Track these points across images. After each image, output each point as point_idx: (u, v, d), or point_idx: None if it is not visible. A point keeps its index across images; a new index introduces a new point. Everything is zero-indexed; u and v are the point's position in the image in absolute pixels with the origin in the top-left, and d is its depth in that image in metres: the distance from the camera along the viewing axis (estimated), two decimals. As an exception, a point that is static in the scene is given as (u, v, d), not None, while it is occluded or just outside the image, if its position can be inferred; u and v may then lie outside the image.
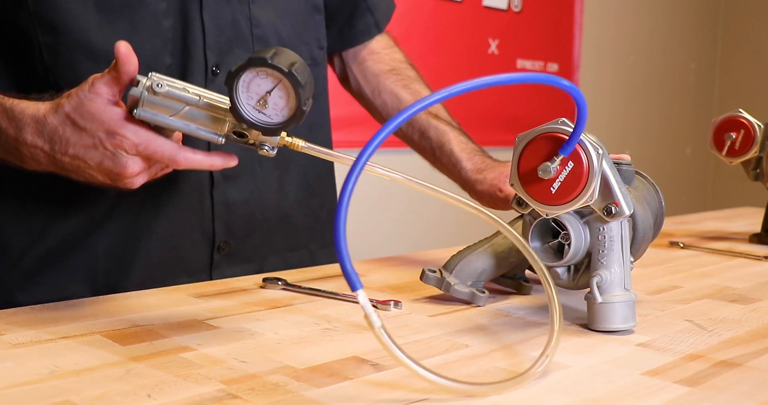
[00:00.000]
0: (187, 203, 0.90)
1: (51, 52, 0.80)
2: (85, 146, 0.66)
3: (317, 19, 1.02)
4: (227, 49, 0.89)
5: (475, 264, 0.78)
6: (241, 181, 0.93)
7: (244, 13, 0.90)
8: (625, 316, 0.66)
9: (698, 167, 3.66)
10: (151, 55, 0.83)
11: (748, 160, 1.17)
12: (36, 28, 0.79)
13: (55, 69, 0.81)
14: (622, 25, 3.15)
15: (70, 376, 0.52)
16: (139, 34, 0.82)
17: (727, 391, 0.53)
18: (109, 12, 0.81)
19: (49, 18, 0.79)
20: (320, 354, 0.58)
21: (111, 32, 0.81)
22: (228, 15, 0.89)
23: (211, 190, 0.91)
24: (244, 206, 0.94)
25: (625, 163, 0.75)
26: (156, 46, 0.84)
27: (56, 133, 0.66)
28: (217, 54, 0.88)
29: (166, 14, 0.84)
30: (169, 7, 0.84)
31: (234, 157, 0.67)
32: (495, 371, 0.56)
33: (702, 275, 0.94)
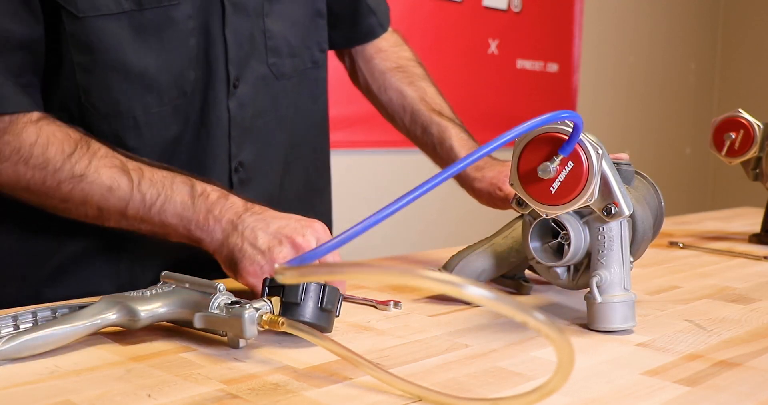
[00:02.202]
0: None
1: (84, 71, 0.83)
2: (280, 216, 0.75)
3: (320, 24, 1.05)
4: (245, 63, 0.92)
5: (475, 264, 0.78)
6: (253, 183, 0.96)
7: (259, 27, 0.94)
8: (624, 316, 0.66)
9: (698, 167, 3.66)
10: (179, 71, 0.87)
11: (748, 160, 1.17)
12: (71, 48, 0.82)
13: (88, 87, 0.83)
14: (622, 25, 3.15)
15: (70, 376, 0.52)
16: (169, 53, 0.85)
17: (727, 391, 0.53)
18: (142, 32, 0.83)
19: (85, 38, 0.81)
20: (320, 354, 0.58)
21: (144, 52, 0.84)
22: (246, 30, 0.92)
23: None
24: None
25: (624, 163, 0.76)
26: (183, 62, 0.87)
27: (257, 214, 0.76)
28: (237, 68, 0.92)
29: (192, 32, 0.87)
30: (195, 26, 0.87)
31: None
32: (495, 371, 0.56)
33: (702, 275, 0.94)
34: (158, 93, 0.86)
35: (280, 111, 0.99)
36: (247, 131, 0.94)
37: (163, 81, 0.86)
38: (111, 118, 0.85)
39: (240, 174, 0.95)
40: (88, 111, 0.84)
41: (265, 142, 0.97)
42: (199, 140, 0.91)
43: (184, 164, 0.88)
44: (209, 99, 0.90)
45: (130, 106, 0.85)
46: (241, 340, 0.59)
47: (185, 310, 0.61)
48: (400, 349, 0.61)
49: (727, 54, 3.70)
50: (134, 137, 0.86)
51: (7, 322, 0.58)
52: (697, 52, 3.61)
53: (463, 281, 0.37)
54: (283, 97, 0.99)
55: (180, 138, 0.89)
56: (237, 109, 0.92)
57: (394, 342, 0.63)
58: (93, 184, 0.79)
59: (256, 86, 0.94)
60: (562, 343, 0.39)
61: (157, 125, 0.87)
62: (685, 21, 3.52)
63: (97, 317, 0.58)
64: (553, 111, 0.60)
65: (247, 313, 0.57)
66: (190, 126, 0.90)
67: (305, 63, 1.02)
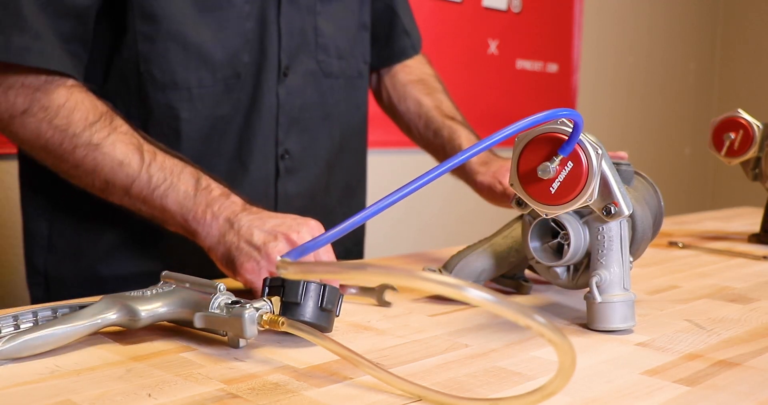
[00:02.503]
0: (255, 191, 0.97)
1: (146, 40, 0.88)
2: (275, 216, 0.76)
3: (365, 36, 1.11)
4: (296, 55, 0.98)
5: (475, 264, 0.78)
6: (299, 175, 1.01)
7: (311, 23, 1.00)
8: (624, 316, 0.66)
9: (697, 167, 3.66)
10: (234, 52, 0.92)
11: (747, 160, 1.17)
12: (136, 17, 0.87)
13: (148, 56, 0.89)
14: (622, 26, 3.15)
15: (71, 376, 0.52)
16: (225, 32, 0.91)
17: (726, 391, 0.53)
18: (202, 9, 0.90)
19: (150, 9, 0.87)
20: (320, 354, 0.58)
21: (203, 27, 0.90)
22: (298, 23, 0.98)
23: (276, 181, 0.99)
24: (300, 199, 1.02)
25: (624, 163, 0.76)
26: (238, 44, 0.92)
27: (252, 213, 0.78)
28: (288, 57, 0.97)
29: (248, 17, 0.93)
30: (251, 11, 0.93)
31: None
32: (495, 371, 0.56)
33: (701, 275, 0.94)
34: (213, 68, 0.91)
35: (326, 109, 1.04)
36: (295, 121, 0.99)
37: (218, 58, 0.91)
38: (167, 88, 0.90)
39: (286, 162, 0.99)
40: (146, 81, 0.89)
41: (311, 136, 1.02)
42: (249, 122, 0.95)
43: (233, 144, 0.95)
44: (261, 84, 0.95)
45: (186, 77, 0.90)
46: (241, 340, 0.59)
47: (185, 310, 0.61)
48: (400, 349, 0.61)
49: (727, 54, 3.70)
50: (187, 109, 0.91)
51: (7, 321, 0.58)
52: (697, 52, 3.61)
53: (464, 284, 0.38)
54: (329, 96, 1.04)
55: (231, 118, 0.94)
56: (286, 97, 0.97)
57: (394, 342, 0.63)
58: (106, 156, 0.82)
59: (305, 79, 1.00)
60: (564, 346, 0.40)
61: (209, 100, 0.92)
62: (685, 21, 3.52)
63: (97, 317, 0.58)
64: (553, 109, 0.60)
65: (247, 312, 0.57)
66: (241, 107, 0.94)
67: (351, 69, 1.08)
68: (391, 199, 0.53)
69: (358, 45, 1.09)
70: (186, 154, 0.90)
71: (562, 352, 0.40)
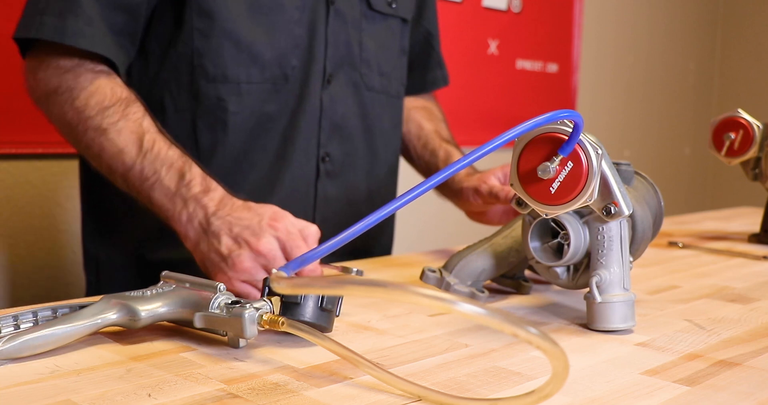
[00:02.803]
0: (296, 190, 1.01)
1: (202, 36, 0.94)
2: (246, 217, 0.76)
3: (403, 60, 1.17)
4: (340, 64, 1.03)
5: (474, 264, 0.78)
6: (338, 179, 1.05)
7: (356, 38, 1.05)
8: (624, 316, 0.66)
9: (697, 167, 3.66)
10: (283, 54, 0.98)
11: (747, 160, 1.17)
12: (194, 14, 0.93)
13: (202, 51, 0.94)
14: (622, 26, 3.15)
15: (71, 376, 0.52)
16: (276, 35, 0.97)
17: (726, 391, 0.53)
18: (256, 11, 0.95)
19: (207, 7, 0.93)
20: (320, 354, 0.58)
21: (255, 28, 0.95)
22: (343, 35, 1.03)
23: (316, 182, 1.03)
24: (337, 202, 1.06)
25: (624, 163, 0.76)
26: (288, 47, 0.98)
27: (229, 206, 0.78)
28: (333, 66, 1.02)
29: (298, 23, 0.98)
30: (301, 18, 0.99)
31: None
32: (495, 371, 0.56)
33: (701, 275, 0.94)
34: (261, 67, 0.96)
35: (367, 121, 1.09)
36: (337, 128, 1.04)
37: (267, 57, 0.96)
38: (218, 81, 0.95)
39: (327, 165, 1.04)
40: (199, 73, 0.95)
41: (352, 145, 1.07)
42: (294, 122, 1.00)
43: (277, 141, 0.99)
44: (307, 88, 1.00)
45: (236, 72, 0.95)
46: (241, 340, 0.59)
47: (185, 310, 0.61)
48: (400, 349, 0.61)
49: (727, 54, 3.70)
50: (235, 103, 0.96)
51: (7, 321, 0.58)
52: (697, 52, 3.61)
53: (455, 298, 0.39)
54: (370, 109, 1.09)
55: (276, 116, 0.99)
56: (329, 102, 1.03)
57: (394, 342, 0.63)
58: (110, 141, 0.85)
59: (347, 89, 1.05)
60: (555, 352, 0.40)
61: (256, 97, 0.97)
62: (685, 21, 3.52)
63: (97, 317, 0.58)
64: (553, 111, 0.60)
65: (247, 312, 0.57)
66: (287, 108, 0.99)
67: (391, 88, 1.13)
68: (392, 206, 0.53)
69: (398, 67, 1.15)
70: (232, 146, 0.97)
71: (554, 358, 0.40)
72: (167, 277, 0.64)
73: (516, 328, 0.39)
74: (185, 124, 0.97)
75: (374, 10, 1.08)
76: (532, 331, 0.39)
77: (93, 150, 0.87)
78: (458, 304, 0.38)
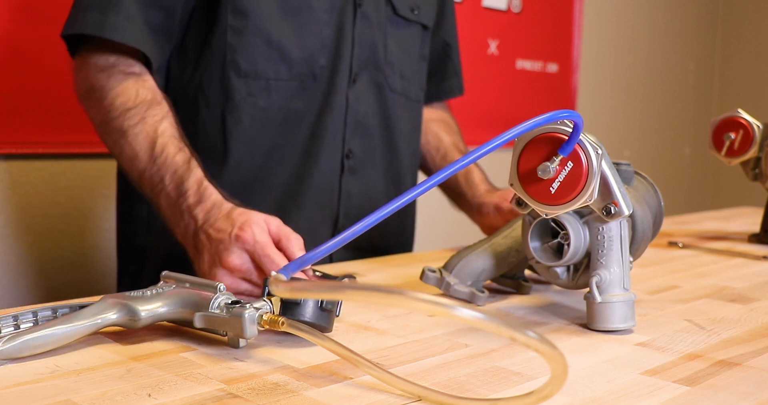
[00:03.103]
0: (323, 183, 1.04)
1: (235, 33, 0.98)
2: (223, 228, 0.76)
3: (423, 67, 1.21)
4: (365, 65, 1.07)
5: (474, 264, 0.78)
6: (359, 175, 1.08)
7: (381, 40, 1.09)
8: (624, 316, 0.66)
9: (697, 167, 3.66)
10: (311, 53, 1.02)
11: (747, 160, 1.17)
12: (228, 12, 0.97)
13: (235, 47, 0.98)
14: (622, 26, 3.15)
15: (71, 376, 0.52)
16: (305, 35, 1.01)
17: (726, 391, 0.53)
18: (287, 11, 1.00)
19: (241, 6, 0.98)
20: (320, 354, 0.58)
21: (285, 27, 1.00)
22: (370, 37, 1.07)
23: (340, 177, 1.06)
24: (359, 198, 1.08)
25: (624, 163, 0.76)
26: (316, 47, 1.02)
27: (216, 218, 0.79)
28: (358, 65, 1.06)
29: (327, 23, 1.02)
30: (330, 19, 1.03)
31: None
32: (495, 371, 0.56)
33: (701, 275, 0.94)
34: (290, 65, 1.00)
35: (388, 121, 1.11)
36: (359, 125, 1.07)
37: (296, 56, 1.01)
38: (249, 77, 0.99)
39: (350, 162, 1.07)
40: (230, 69, 0.99)
41: (372, 142, 1.09)
42: (321, 119, 1.03)
43: (305, 136, 1.02)
44: (334, 86, 1.03)
45: (266, 69, 1.00)
46: (241, 340, 0.59)
47: (185, 310, 0.61)
48: (400, 349, 0.61)
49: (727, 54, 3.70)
50: (264, 98, 1.00)
51: (7, 321, 0.58)
52: (697, 52, 3.61)
53: (454, 303, 0.39)
54: (392, 109, 1.12)
55: (304, 113, 1.02)
56: (354, 100, 1.06)
57: (394, 342, 0.63)
58: (128, 145, 0.88)
59: (370, 88, 1.08)
60: (554, 355, 0.40)
61: (285, 93, 1.01)
62: (685, 21, 3.52)
63: (97, 317, 0.58)
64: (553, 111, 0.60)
65: (247, 313, 0.57)
66: (314, 105, 1.03)
67: (412, 92, 1.16)
68: (390, 207, 0.53)
69: (418, 72, 1.18)
70: (261, 141, 1.00)
71: (552, 360, 0.41)
72: (167, 277, 0.64)
73: (514, 332, 0.39)
74: (216, 120, 1.00)
75: (398, 15, 1.12)
76: (531, 334, 0.39)
77: (115, 151, 0.90)
78: (456, 309, 0.39)
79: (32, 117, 1.37)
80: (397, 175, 1.15)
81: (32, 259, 1.42)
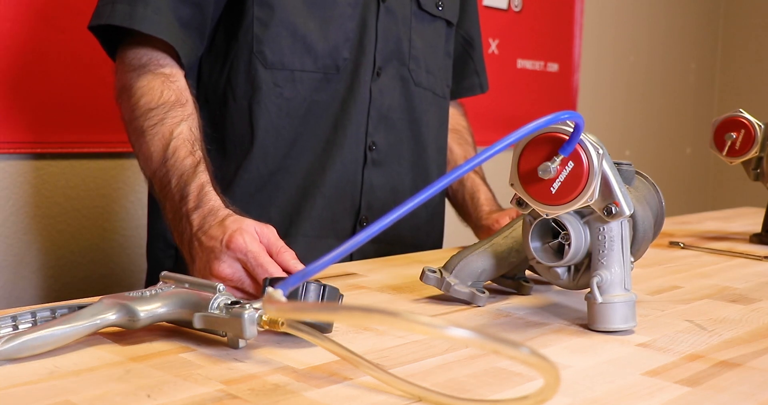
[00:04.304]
0: (345, 174, 1.06)
1: (262, 25, 1.00)
2: (214, 236, 0.76)
3: (448, 63, 1.22)
4: (389, 58, 1.08)
5: (475, 264, 0.78)
6: (383, 168, 1.09)
7: (406, 35, 1.10)
8: (625, 316, 0.66)
9: (698, 167, 3.66)
10: (335, 46, 1.04)
11: (749, 160, 1.17)
12: (255, 5, 1.00)
13: (261, 38, 1.01)
14: (622, 25, 3.14)
15: (70, 376, 0.52)
16: (329, 28, 1.03)
17: (728, 391, 0.53)
18: (311, 5, 1.02)
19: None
20: (320, 354, 0.58)
21: (310, 20, 1.02)
22: (394, 31, 1.09)
23: (363, 169, 1.07)
24: (383, 191, 1.10)
25: (625, 163, 0.75)
26: (339, 40, 1.04)
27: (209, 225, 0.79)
28: (382, 59, 1.07)
29: (351, 17, 1.04)
30: (353, 14, 1.05)
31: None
32: (495, 371, 0.56)
33: (702, 275, 0.94)
34: (315, 56, 1.03)
35: (414, 114, 1.13)
36: (383, 118, 1.09)
37: (320, 48, 1.03)
38: (275, 68, 1.01)
39: (373, 154, 1.08)
40: (257, 60, 1.01)
41: (397, 135, 1.11)
42: (345, 110, 1.05)
43: (329, 127, 1.04)
44: (358, 78, 1.05)
45: (292, 60, 1.02)
46: (240, 341, 0.59)
47: (185, 311, 0.61)
48: (400, 349, 0.61)
49: (728, 54, 3.70)
50: (290, 89, 1.02)
51: (6, 322, 0.58)
52: (698, 51, 3.61)
53: (445, 324, 0.40)
54: (418, 103, 1.13)
55: (328, 105, 1.04)
56: (378, 93, 1.08)
57: (394, 342, 0.63)
58: (145, 145, 0.89)
59: (395, 82, 1.09)
60: (547, 368, 0.41)
61: (309, 85, 1.03)
62: (686, 21, 3.52)
63: (96, 317, 0.58)
64: (554, 111, 0.59)
65: (246, 313, 0.57)
66: (338, 97, 1.05)
67: (438, 88, 1.17)
68: (392, 216, 0.53)
69: (443, 68, 1.20)
70: (286, 131, 1.03)
71: (545, 372, 0.41)
72: (166, 278, 0.64)
73: (508, 349, 0.40)
74: (243, 111, 1.02)
75: (423, 10, 1.13)
76: (524, 350, 0.40)
77: (136, 150, 0.91)
78: (450, 330, 0.40)
79: (32, 117, 1.37)
80: (424, 170, 1.16)
81: (31, 259, 1.42)
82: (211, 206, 0.81)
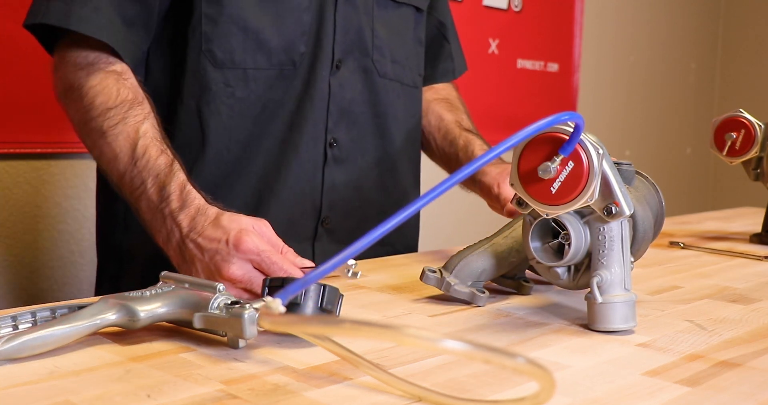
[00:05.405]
0: (304, 174, 1.01)
1: (210, 21, 0.95)
2: (215, 237, 0.74)
3: (419, 50, 1.17)
4: (350, 50, 1.03)
5: (475, 264, 0.78)
6: (345, 165, 1.05)
7: (368, 24, 1.05)
8: (625, 316, 0.66)
9: (698, 167, 3.66)
10: (291, 40, 0.98)
11: (749, 160, 1.17)
12: (203, 0, 0.94)
13: (210, 36, 0.95)
14: (622, 25, 3.14)
15: (70, 376, 0.52)
16: (283, 21, 0.98)
17: (728, 391, 0.53)
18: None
19: None
20: (320, 354, 0.58)
21: (263, 15, 0.96)
22: (355, 21, 1.03)
23: (323, 167, 1.03)
24: (346, 189, 1.05)
25: (625, 163, 0.75)
26: (295, 34, 0.99)
27: (201, 225, 0.77)
28: (342, 51, 1.02)
29: (306, 10, 0.99)
30: (309, 5, 0.99)
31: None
32: (495, 371, 0.56)
33: (702, 275, 0.94)
34: (269, 53, 0.97)
35: (379, 107, 1.08)
36: (345, 113, 1.04)
37: (275, 44, 0.97)
38: (225, 67, 0.96)
39: (335, 151, 1.03)
40: (206, 59, 0.96)
41: (360, 131, 1.06)
42: (301, 108, 1.00)
43: (284, 127, 0.99)
44: (315, 73, 1.00)
45: (243, 58, 0.96)
46: (240, 341, 0.59)
47: (185, 310, 0.61)
48: (400, 349, 0.61)
49: (728, 54, 3.70)
50: (242, 88, 0.97)
51: (6, 322, 0.58)
52: (698, 51, 3.61)
53: (440, 337, 0.40)
54: (383, 95, 1.08)
55: (282, 102, 0.99)
56: (338, 87, 1.02)
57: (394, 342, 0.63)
58: (107, 146, 0.85)
59: (357, 74, 1.05)
60: (542, 375, 0.41)
61: (263, 83, 0.98)
62: (686, 21, 3.52)
63: (96, 317, 0.58)
64: (554, 111, 0.59)
65: (247, 313, 0.57)
66: (294, 94, 0.99)
67: (406, 77, 1.12)
68: (404, 213, 0.53)
69: (412, 56, 1.14)
70: (238, 133, 0.97)
71: (541, 379, 0.42)
72: (166, 278, 0.64)
73: (502, 358, 0.40)
74: (192, 113, 0.97)
75: None
76: (519, 360, 0.41)
77: (95, 152, 0.87)
78: (445, 342, 0.40)
79: (31, 117, 1.37)
80: (391, 163, 1.11)
81: (31, 259, 1.42)
82: (197, 205, 0.79)
